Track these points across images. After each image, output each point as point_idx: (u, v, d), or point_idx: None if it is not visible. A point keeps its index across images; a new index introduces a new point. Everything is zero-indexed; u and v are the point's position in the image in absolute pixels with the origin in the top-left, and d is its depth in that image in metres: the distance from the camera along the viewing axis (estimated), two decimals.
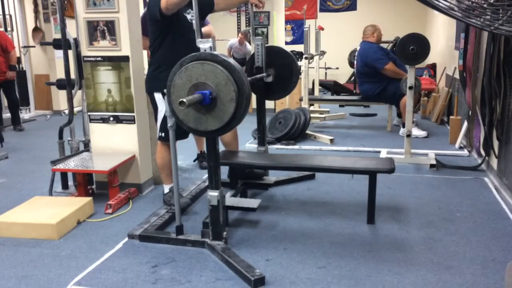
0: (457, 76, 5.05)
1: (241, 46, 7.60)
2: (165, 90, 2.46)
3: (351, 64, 9.07)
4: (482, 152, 3.95)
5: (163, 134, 3.12)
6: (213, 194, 2.54)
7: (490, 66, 3.44)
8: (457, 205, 3.23)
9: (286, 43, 8.45)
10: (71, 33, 3.64)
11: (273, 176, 3.67)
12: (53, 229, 2.82)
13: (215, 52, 2.37)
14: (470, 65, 4.03)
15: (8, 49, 6.35)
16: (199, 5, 2.52)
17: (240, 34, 7.58)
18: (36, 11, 7.65)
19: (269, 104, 5.25)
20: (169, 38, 3.04)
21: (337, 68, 10.04)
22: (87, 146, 3.84)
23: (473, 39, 3.95)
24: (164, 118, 2.96)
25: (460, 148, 4.76)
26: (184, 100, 2.15)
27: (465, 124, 4.66)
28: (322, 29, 7.14)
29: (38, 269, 2.47)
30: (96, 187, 3.65)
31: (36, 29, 7.76)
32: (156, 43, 3.08)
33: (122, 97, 3.49)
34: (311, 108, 6.39)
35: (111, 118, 3.55)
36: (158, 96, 3.11)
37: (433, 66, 7.76)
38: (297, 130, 5.19)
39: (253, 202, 2.90)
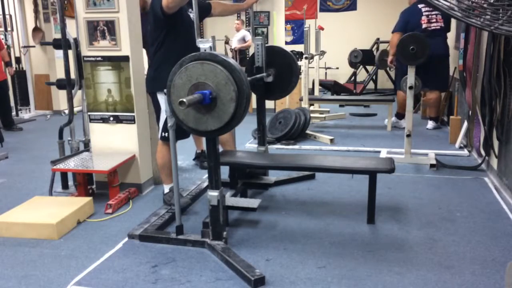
0: (457, 76, 5.05)
1: (238, 32, 8.11)
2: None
3: (351, 64, 9.06)
4: (482, 152, 3.95)
5: (166, 134, 3.11)
6: (213, 194, 2.54)
7: (490, 66, 3.44)
8: (457, 205, 3.23)
9: (286, 43, 8.45)
10: (71, 33, 3.64)
11: (273, 176, 3.67)
12: (53, 229, 2.82)
13: (215, 52, 2.37)
14: (470, 65, 4.03)
15: (0, 48, 6.37)
16: (198, 7, 2.54)
17: (236, 22, 7.98)
18: (36, 11, 7.65)
19: (269, 104, 5.25)
20: (171, 36, 3.04)
21: (337, 68, 10.03)
22: (87, 146, 3.84)
23: (473, 39, 3.96)
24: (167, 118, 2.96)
25: (460, 148, 4.76)
26: (184, 100, 2.15)
27: (465, 124, 4.66)
28: (322, 29, 7.13)
29: (38, 269, 2.47)
30: (96, 187, 3.65)
31: (36, 29, 7.76)
32: (158, 42, 3.08)
33: (122, 97, 3.49)
34: (311, 108, 6.39)
35: (111, 118, 3.55)
36: (160, 95, 3.11)
37: None
38: (297, 130, 5.19)
39: (253, 202, 2.90)
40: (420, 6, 5.46)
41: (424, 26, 5.38)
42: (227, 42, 8.93)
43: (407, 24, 5.45)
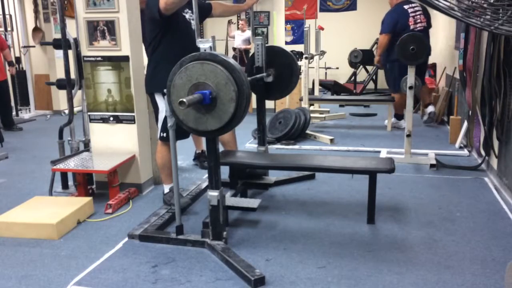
0: (457, 76, 5.05)
1: (243, 33, 8.27)
2: (165, 90, 2.46)
3: (351, 64, 9.06)
4: (482, 152, 3.95)
5: (164, 135, 3.12)
6: (213, 194, 2.54)
7: (490, 66, 3.44)
8: (457, 205, 3.23)
9: (286, 43, 8.45)
10: (71, 33, 3.64)
11: (273, 176, 3.67)
12: (53, 229, 2.82)
13: (215, 52, 2.37)
14: (470, 65, 4.03)
15: (3, 47, 6.36)
16: (198, 7, 2.54)
17: (241, 22, 8.07)
18: (36, 11, 7.65)
19: (269, 104, 5.24)
20: (168, 36, 3.04)
21: (337, 68, 10.03)
22: (87, 146, 3.84)
23: (473, 39, 3.95)
24: (165, 118, 2.96)
25: (460, 148, 4.76)
26: (184, 100, 2.15)
27: (465, 124, 4.66)
28: (322, 29, 7.13)
29: (38, 269, 2.47)
30: (96, 187, 3.65)
31: (36, 29, 7.76)
32: (154, 42, 3.08)
33: (122, 97, 3.49)
34: (311, 108, 6.39)
35: (111, 118, 3.55)
36: (158, 96, 3.12)
37: (433, 66, 7.76)
38: (297, 130, 5.18)
39: (253, 202, 2.90)
40: (405, 7, 5.56)
41: (411, 27, 5.48)
42: (229, 23, 8.92)
43: (395, 26, 5.52)
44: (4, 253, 2.68)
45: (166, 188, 3.28)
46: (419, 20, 5.50)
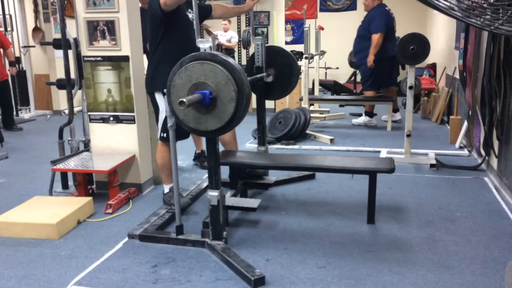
0: (457, 76, 5.05)
1: (226, 33, 8.38)
2: (165, 90, 2.46)
3: (351, 64, 9.06)
4: (482, 152, 3.95)
5: (165, 135, 3.11)
6: (213, 194, 2.54)
7: (490, 66, 3.44)
8: (457, 205, 3.23)
9: (286, 43, 8.45)
10: (71, 33, 3.64)
11: (273, 176, 3.67)
12: (53, 229, 2.82)
13: (215, 52, 2.37)
14: (470, 65, 4.03)
15: (5, 47, 6.35)
16: (198, 8, 2.54)
17: (223, 22, 8.43)
18: (36, 11, 7.65)
19: (269, 104, 5.25)
20: (170, 36, 3.04)
21: (337, 68, 10.03)
22: (87, 146, 3.84)
23: (473, 39, 3.95)
24: (166, 119, 2.96)
25: (460, 148, 4.76)
26: (184, 100, 2.15)
27: (465, 124, 4.66)
28: (322, 29, 7.13)
29: (38, 269, 2.47)
30: (96, 187, 3.65)
31: (36, 29, 7.76)
32: (156, 41, 3.08)
33: (122, 97, 3.49)
34: (311, 108, 6.38)
35: (111, 118, 3.55)
36: (159, 96, 3.12)
37: (433, 66, 7.77)
38: (297, 130, 5.19)
39: (253, 202, 2.89)
40: (387, 8, 5.78)
41: (395, 28, 5.78)
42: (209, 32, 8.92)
43: (387, 25, 5.66)
44: (4, 253, 2.68)
45: (166, 188, 3.28)
46: (395, 23, 5.80)
